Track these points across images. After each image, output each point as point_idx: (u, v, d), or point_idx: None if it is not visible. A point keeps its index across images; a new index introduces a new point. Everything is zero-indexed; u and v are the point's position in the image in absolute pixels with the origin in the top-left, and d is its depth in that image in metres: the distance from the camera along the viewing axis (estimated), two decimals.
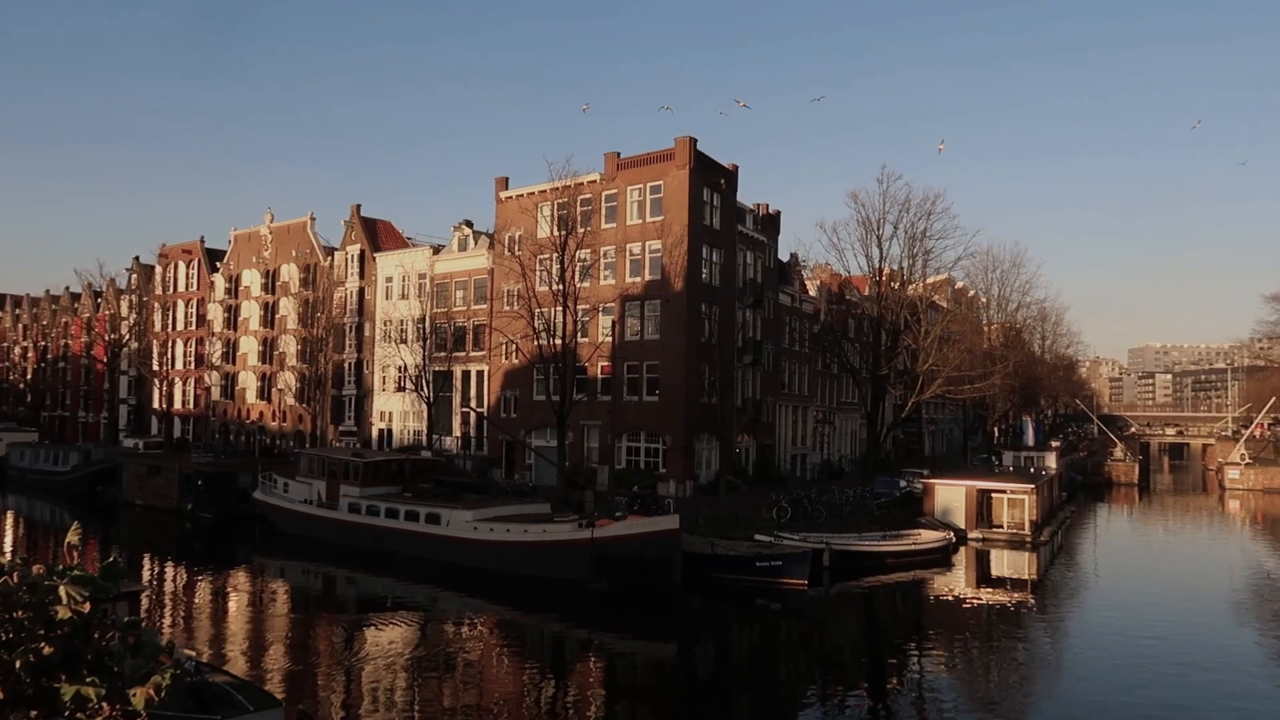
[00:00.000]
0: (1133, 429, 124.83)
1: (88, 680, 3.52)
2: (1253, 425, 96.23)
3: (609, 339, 47.22)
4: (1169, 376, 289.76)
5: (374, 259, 62.77)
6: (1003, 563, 38.35)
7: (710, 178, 49.11)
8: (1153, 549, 47.29)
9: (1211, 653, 23.87)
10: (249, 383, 71.33)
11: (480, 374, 55.86)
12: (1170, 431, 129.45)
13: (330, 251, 66.72)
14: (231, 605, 29.47)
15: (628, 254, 48.70)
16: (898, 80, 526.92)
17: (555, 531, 31.39)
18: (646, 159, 48.56)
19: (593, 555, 29.78)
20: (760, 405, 53.53)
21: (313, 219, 68.32)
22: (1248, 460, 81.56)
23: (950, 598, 31.65)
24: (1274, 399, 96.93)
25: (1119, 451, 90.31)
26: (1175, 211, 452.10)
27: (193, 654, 15.56)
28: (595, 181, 49.44)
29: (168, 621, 26.73)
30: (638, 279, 48.19)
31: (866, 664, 23.87)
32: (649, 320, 47.86)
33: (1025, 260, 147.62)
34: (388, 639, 24.73)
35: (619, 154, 49.39)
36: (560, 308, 41.52)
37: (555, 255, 42.04)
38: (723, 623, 28.24)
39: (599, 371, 48.52)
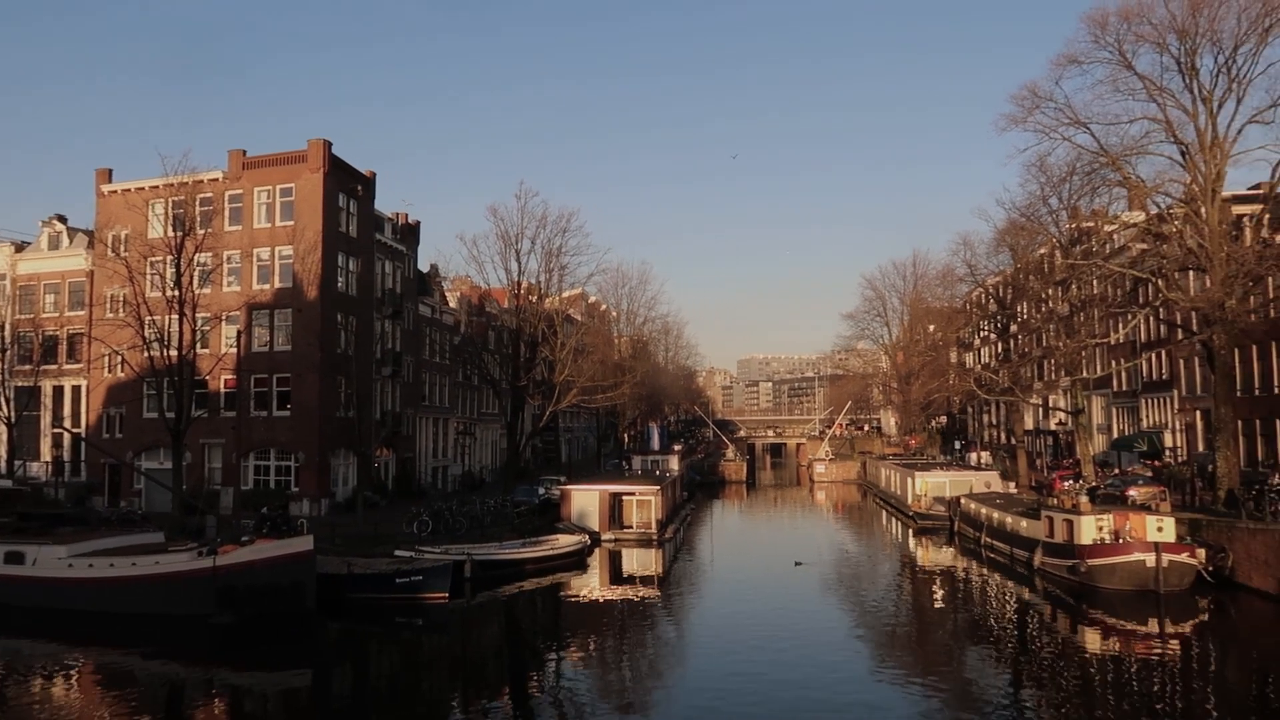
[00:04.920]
0: (741, 431, 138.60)
1: None
2: (833, 426, 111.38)
3: (234, 350, 43.91)
4: (770, 384, 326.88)
5: None
6: (633, 561, 40.98)
7: (346, 183, 47.53)
8: (758, 538, 53.11)
9: (808, 629, 27.30)
10: None
11: (77, 389, 49.32)
12: (771, 433, 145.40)
13: None
14: None
15: (255, 259, 45.70)
16: (538, 96, 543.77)
17: (170, 562, 28.48)
18: (276, 159, 45.96)
19: (216, 585, 27.42)
20: (400, 418, 52.60)
21: None
22: (830, 457, 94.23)
23: (586, 598, 33.25)
24: (849, 403, 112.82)
25: (730, 452, 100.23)
26: (772, 238, 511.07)
27: None
28: (218, 180, 45.83)
29: None
30: (267, 286, 45.37)
31: (508, 670, 24.36)
32: (280, 330, 45.24)
33: (651, 278, 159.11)
34: None
35: (245, 152, 46.23)
36: (176, 316, 37.90)
37: (170, 258, 38.31)
38: (361, 644, 27.37)
39: (222, 385, 44.97)
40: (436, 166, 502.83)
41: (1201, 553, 30.19)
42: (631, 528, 44.82)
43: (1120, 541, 30.75)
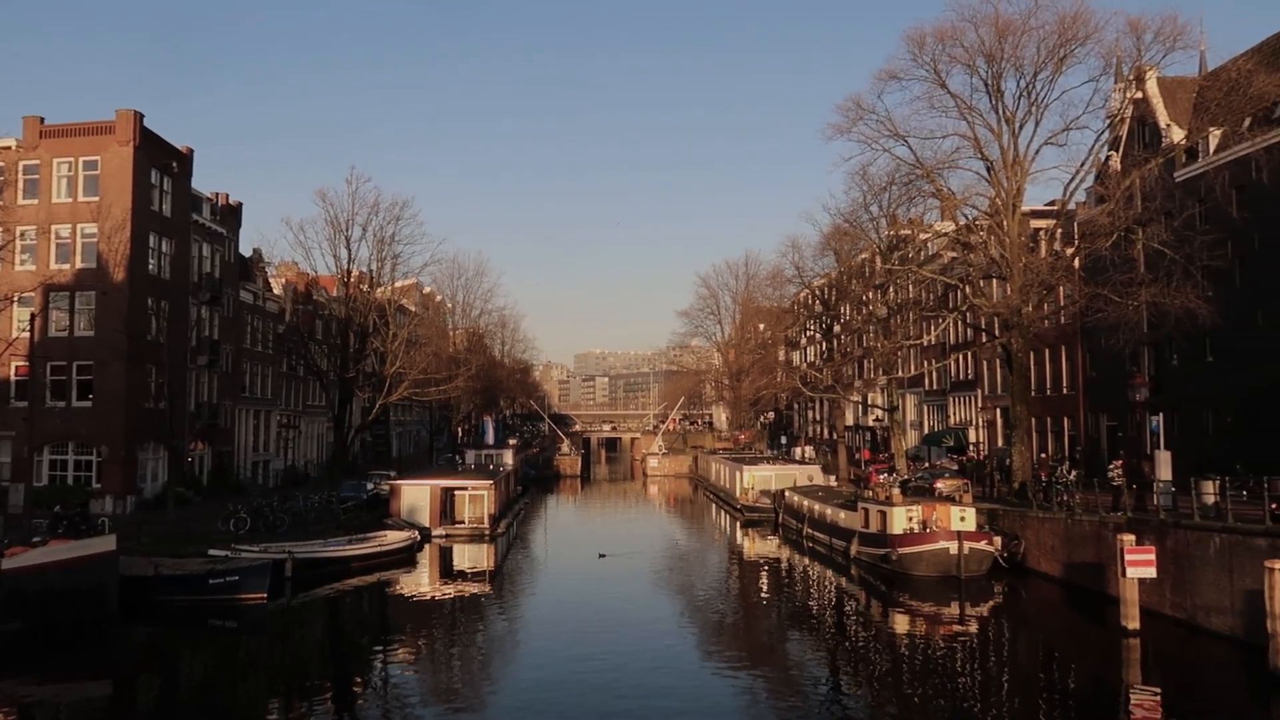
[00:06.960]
0: (577, 426, 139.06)
1: None
2: (667, 421, 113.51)
3: (27, 334, 40.40)
4: (607, 380, 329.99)
5: None
6: (464, 556, 40.46)
7: (160, 159, 44.64)
8: (592, 532, 53.42)
9: (639, 621, 27.72)
10: None
11: None
12: (607, 428, 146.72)
13: None
14: None
15: (54, 236, 42.24)
16: (371, 81, 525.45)
17: None
18: (80, 129, 42.68)
19: (2, 591, 25.16)
20: (217, 410, 49.87)
21: None
22: (664, 451, 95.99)
23: (415, 595, 32.57)
24: (683, 398, 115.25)
25: (565, 447, 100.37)
26: (610, 236, 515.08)
27: None
28: (10, 148, 42.01)
29: None
30: (67, 266, 42.04)
31: (331, 672, 23.54)
32: (81, 314, 42.01)
33: (488, 270, 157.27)
34: None
35: (43, 119, 42.62)
36: None
37: None
38: (170, 650, 25.76)
39: (13, 373, 41.37)
40: (264, 152, 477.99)
41: (998, 540, 32.69)
42: (464, 523, 44.21)
43: (927, 531, 32.86)
